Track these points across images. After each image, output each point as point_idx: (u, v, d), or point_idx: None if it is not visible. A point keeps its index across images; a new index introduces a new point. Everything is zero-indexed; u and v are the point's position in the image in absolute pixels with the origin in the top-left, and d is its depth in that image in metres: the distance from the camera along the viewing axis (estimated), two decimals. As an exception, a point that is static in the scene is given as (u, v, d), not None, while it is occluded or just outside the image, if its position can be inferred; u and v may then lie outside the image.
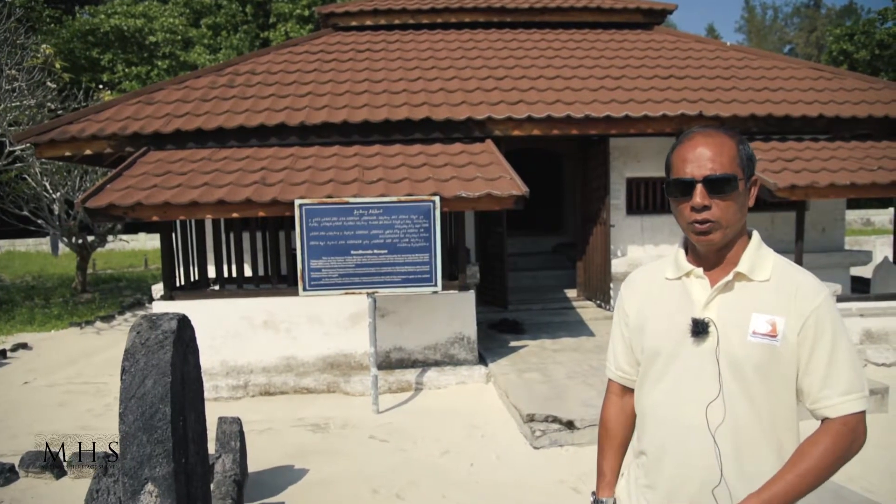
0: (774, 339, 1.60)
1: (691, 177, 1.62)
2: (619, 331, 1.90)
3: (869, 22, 35.60)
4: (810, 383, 1.61)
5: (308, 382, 6.70)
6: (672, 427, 1.69)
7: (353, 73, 8.84)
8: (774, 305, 1.62)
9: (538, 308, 9.27)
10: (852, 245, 14.90)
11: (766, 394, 1.61)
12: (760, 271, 1.67)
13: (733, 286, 1.67)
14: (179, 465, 2.36)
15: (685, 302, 1.71)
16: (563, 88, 8.47)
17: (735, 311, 1.64)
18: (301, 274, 5.96)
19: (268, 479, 4.70)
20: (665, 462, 1.71)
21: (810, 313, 1.60)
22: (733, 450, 1.61)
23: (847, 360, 1.61)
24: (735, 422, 1.61)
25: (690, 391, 1.65)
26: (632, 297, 1.86)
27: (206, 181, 6.62)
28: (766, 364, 1.60)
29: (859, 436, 1.61)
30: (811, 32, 56.85)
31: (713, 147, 1.63)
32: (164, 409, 2.33)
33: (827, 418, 1.61)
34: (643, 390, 1.80)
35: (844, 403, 1.59)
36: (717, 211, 1.60)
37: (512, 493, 4.42)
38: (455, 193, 6.33)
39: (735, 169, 1.62)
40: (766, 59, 9.96)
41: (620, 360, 1.92)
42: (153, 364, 2.37)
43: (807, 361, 1.61)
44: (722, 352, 1.62)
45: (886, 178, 7.27)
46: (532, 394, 5.83)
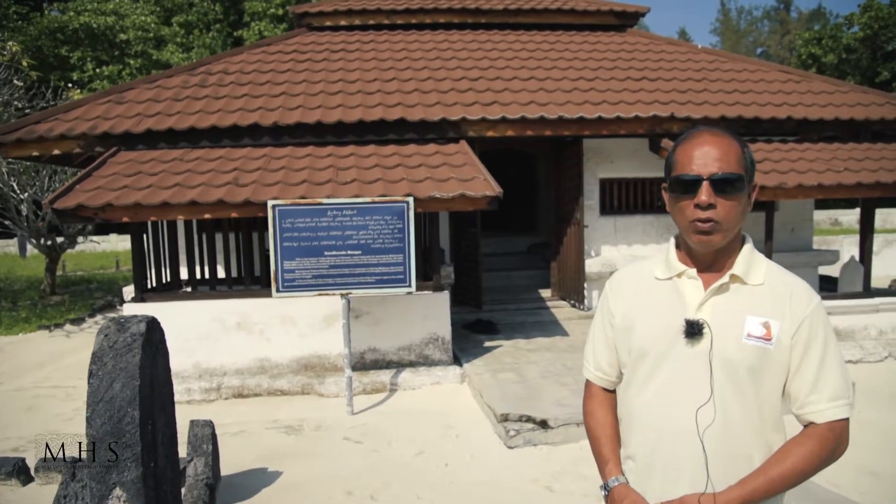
0: (769, 342, 1.60)
1: (698, 174, 1.59)
2: (602, 330, 1.86)
3: (836, 27, 36.37)
4: (798, 388, 1.62)
5: (282, 384, 6.66)
6: (662, 430, 1.67)
7: (327, 73, 8.80)
8: (769, 309, 1.62)
9: (513, 308, 9.31)
10: (820, 245, 15.17)
11: (757, 396, 1.62)
12: (755, 275, 1.67)
13: (728, 288, 1.66)
14: (148, 469, 2.33)
15: (677, 303, 1.69)
16: (536, 90, 8.52)
17: (729, 314, 1.63)
18: (274, 275, 5.92)
19: (241, 481, 4.66)
20: (655, 466, 1.69)
21: (804, 318, 1.61)
22: (723, 452, 1.60)
23: (836, 367, 1.62)
24: (726, 423, 1.60)
25: (682, 394, 1.64)
26: (618, 296, 1.83)
27: (177, 182, 6.55)
28: (759, 367, 1.60)
29: (843, 441, 1.63)
30: (784, 35, 57.80)
31: (721, 146, 1.61)
32: (133, 412, 2.31)
33: (812, 423, 1.62)
34: (630, 392, 1.77)
35: (831, 409, 1.60)
36: (721, 211, 1.58)
37: (486, 492, 4.43)
38: (429, 194, 6.34)
39: (741, 170, 1.60)
40: (737, 62, 10.11)
41: (601, 361, 1.88)
42: (121, 367, 2.34)
43: (797, 366, 1.61)
44: (716, 354, 1.61)
45: (852, 179, 7.42)
46: (506, 394, 5.86)
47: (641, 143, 8.93)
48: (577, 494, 4.35)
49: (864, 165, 7.85)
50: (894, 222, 26.80)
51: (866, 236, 8.51)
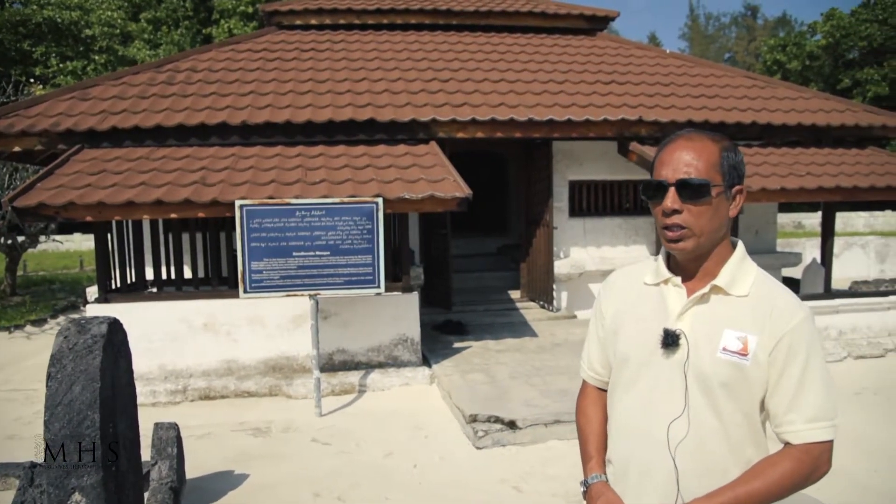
0: (744, 357, 1.54)
1: (665, 179, 1.57)
2: (595, 331, 1.86)
3: (800, 34, 37.21)
4: (776, 405, 1.56)
5: (249, 386, 6.59)
6: (637, 440, 1.65)
7: (296, 72, 8.74)
8: (748, 323, 1.57)
9: (482, 309, 9.34)
10: (784, 247, 15.47)
11: (734, 411, 1.56)
12: (739, 286, 1.62)
13: (709, 299, 1.62)
14: (109, 473, 2.29)
15: (660, 310, 1.66)
16: (507, 91, 8.56)
17: (708, 325, 1.59)
18: (242, 276, 5.86)
19: (207, 485, 4.60)
20: (629, 474, 1.68)
21: (784, 334, 1.54)
22: (698, 467, 1.57)
23: (818, 386, 1.55)
24: (701, 438, 1.56)
25: (658, 404, 1.61)
26: (609, 298, 1.81)
27: (143, 181, 6.45)
28: (733, 382, 1.55)
29: (822, 465, 1.56)
30: (750, 42, 58.93)
31: (692, 151, 1.57)
32: (93, 415, 2.26)
33: (789, 443, 1.57)
34: (615, 396, 1.76)
35: (809, 431, 1.54)
36: (688, 217, 1.55)
37: (454, 493, 4.44)
38: (398, 195, 6.33)
39: (712, 175, 1.55)
40: (704, 67, 10.27)
41: (594, 361, 1.87)
42: (81, 369, 2.29)
43: (775, 383, 1.55)
44: (691, 366, 1.57)
45: (813, 184, 7.59)
46: (475, 394, 5.88)
47: (610, 145, 9.02)
48: (545, 494, 4.38)
49: (826, 170, 8.04)
50: (855, 226, 27.47)
51: (827, 239, 8.71)
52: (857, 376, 7.14)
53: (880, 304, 8.29)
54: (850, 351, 7.89)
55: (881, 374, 7.25)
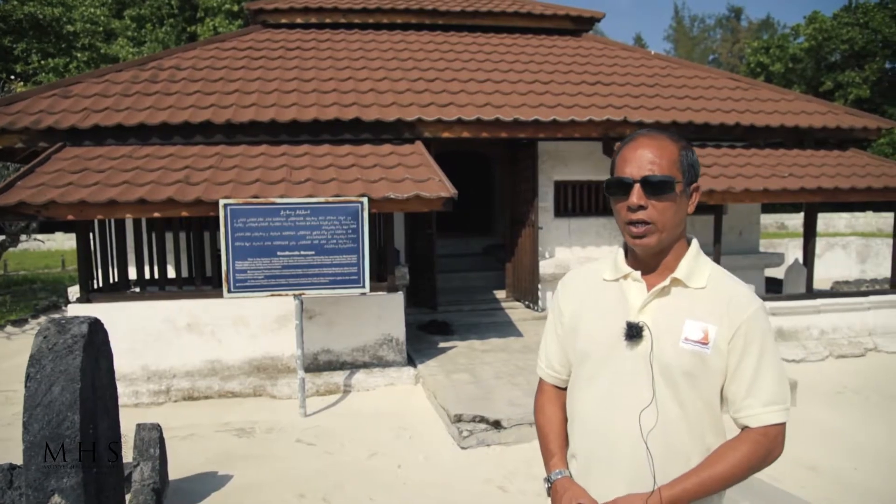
0: (706, 346, 1.61)
1: (629, 177, 1.63)
2: (553, 329, 1.88)
3: (783, 37, 37.59)
4: (735, 392, 1.63)
5: (233, 386, 6.55)
6: (603, 433, 1.68)
7: (282, 71, 8.70)
8: (708, 313, 1.63)
9: (468, 309, 9.35)
10: (767, 247, 15.63)
11: (695, 400, 1.63)
12: (697, 279, 1.68)
13: (669, 291, 1.68)
14: (90, 474, 2.26)
15: (621, 304, 1.70)
16: (492, 92, 8.57)
17: (669, 317, 1.65)
18: (225, 275, 5.82)
19: (190, 486, 4.57)
20: (593, 467, 1.71)
21: (742, 323, 1.62)
22: (663, 453, 1.62)
23: (772, 372, 1.64)
24: (665, 427, 1.61)
25: (623, 397, 1.65)
26: (568, 296, 1.84)
27: (125, 179, 6.39)
28: (695, 370, 1.61)
29: (777, 446, 1.65)
30: (734, 44, 59.36)
31: (654, 149, 1.63)
32: (73, 416, 2.24)
33: (747, 427, 1.64)
34: (575, 392, 1.78)
35: (766, 414, 1.62)
36: (653, 212, 1.61)
37: (439, 493, 4.44)
38: (384, 195, 6.32)
39: (674, 172, 1.62)
40: (688, 69, 10.34)
41: (552, 359, 1.89)
42: (61, 370, 2.27)
43: (734, 370, 1.63)
44: (655, 357, 1.62)
45: (796, 185, 7.66)
46: (460, 394, 5.88)
47: (595, 146, 9.06)
48: (530, 494, 4.39)
49: (808, 171, 8.12)
50: (836, 226, 27.76)
51: (809, 240, 8.79)
52: (839, 375, 7.22)
53: (861, 304, 8.38)
54: (832, 350, 7.98)
55: (862, 373, 7.34)
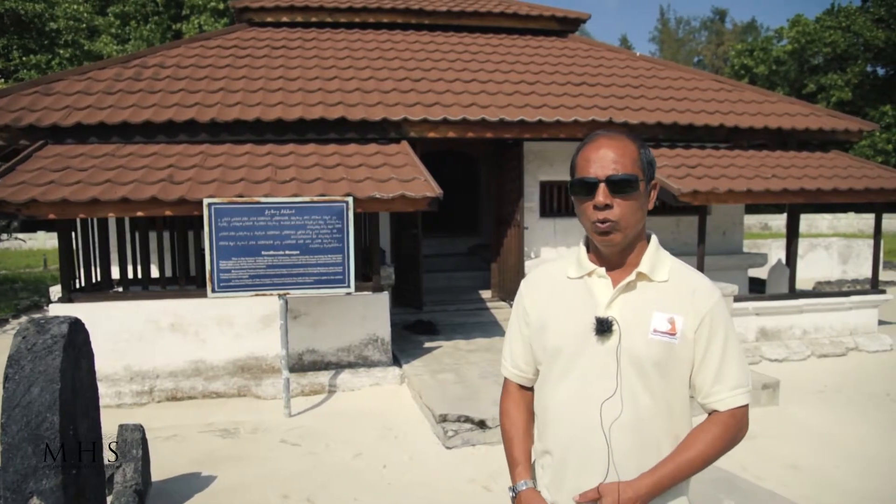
0: (673, 336, 1.67)
1: (595, 176, 1.65)
2: (518, 329, 1.91)
3: (767, 40, 37.95)
4: (703, 379, 1.70)
5: (218, 386, 6.51)
6: (575, 426, 1.71)
7: (267, 69, 8.66)
8: (673, 305, 1.69)
9: (453, 309, 9.35)
10: (750, 248, 15.76)
11: (664, 389, 1.68)
12: (660, 272, 1.73)
13: (635, 286, 1.72)
14: (69, 476, 2.24)
15: (588, 301, 1.74)
16: (478, 92, 8.58)
17: (637, 310, 1.69)
18: (210, 275, 5.79)
19: (173, 487, 4.54)
20: (569, 460, 1.73)
21: (706, 313, 1.69)
22: (634, 443, 1.66)
23: (736, 358, 1.71)
24: (636, 417, 1.66)
25: (593, 389, 1.68)
26: (533, 295, 1.87)
27: (108, 178, 6.33)
28: (665, 360, 1.67)
29: (744, 427, 1.73)
30: (719, 46, 59.83)
31: (616, 149, 1.67)
32: (52, 417, 2.21)
33: (716, 411, 1.71)
34: (545, 389, 1.81)
35: (733, 397, 1.70)
36: (618, 210, 1.64)
37: (424, 493, 4.44)
38: (369, 194, 6.30)
39: (636, 171, 1.67)
40: (673, 70, 10.41)
41: (518, 359, 1.92)
42: (40, 370, 2.24)
43: (701, 358, 1.69)
44: (623, 350, 1.66)
45: (778, 186, 7.73)
46: (445, 394, 5.88)
47: (581, 146, 9.07)
48: (514, 494, 4.39)
49: (790, 173, 8.19)
50: (819, 227, 28.06)
51: (792, 240, 8.88)
52: (820, 375, 7.29)
53: (842, 304, 8.47)
54: (814, 350, 8.05)
55: (843, 372, 7.41)
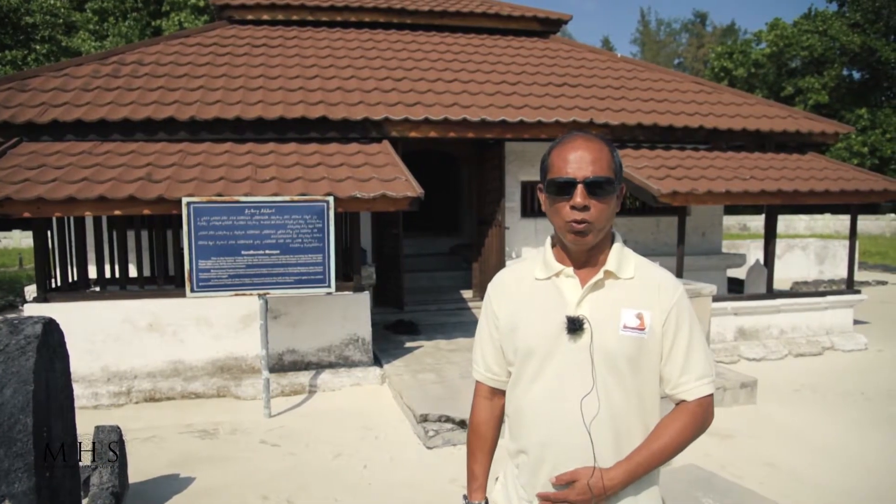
0: (643, 331, 1.71)
1: (573, 177, 1.66)
2: (488, 332, 1.91)
3: (746, 42, 38.37)
4: (671, 370, 1.75)
5: (196, 387, 6.45)
6: (552, 424, 1.72)
7: (247, 68, 8.60)
8: (640, 300, 1.73)
9: (434, 309, 9.35)
10: (729, 248, 15.92)
11: (636, 383, 1.72)
12: (626, 269, 1.77)
13: (603, 284, 1.75)
14: (43, 479, 2.20)
15: (558, 301, 1.75)
16: (460, 92, 8.58)
17: (606, 308, 1.72)
18: (188, 275, 5.73)
19: (150, 489, 4.49)
20: (546, 458, 1.74)
21: (672, 307, 1.74)
22: (611, 438, 1.70)
23: (700, 349, 1.77)
24: (612, 412, 1.69)
25: (568, 387, 1.70)
26: (501, 298, 1.87)
27: (85, 176, 6.25)
28: (636, 355, 1.70)
29: (710, 415, 1.79)
30: (699, 48, 60.33)
31: (593, 151, 1.69)
32: (25, 419, 2.17)
33: (684, 401, 1.76)
34: (518, 390, 1.82)
35: (699, 387, 1.75)
36: (594, 212, 1.66)
37: (404, 493, 4.43)
38: (350, 194, 6.28)
39: (611, 173, 1.69)
40: (653, 72, 10.48)
41: (489, 362, 1.92)
42: (13, 371, 2.20)
43: (669, 350, 1.74)
44: (596, 347, 1.69)
45: (757, 187, 7.81)
46: (426, 394, 5.87)
47: (562, 147, 9.10)
48: (494, 493, 4.39)
49: (768, 174, 8.28)
50: (796, 228, 28.41)
51: (770, 241, 8.98)
52: (797, 374, 7.38)
53: (819, 303, 8.58)
54: (791, 349, 8.15)
55: (819, 371, 7.51)
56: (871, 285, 14.15)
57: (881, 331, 9.54)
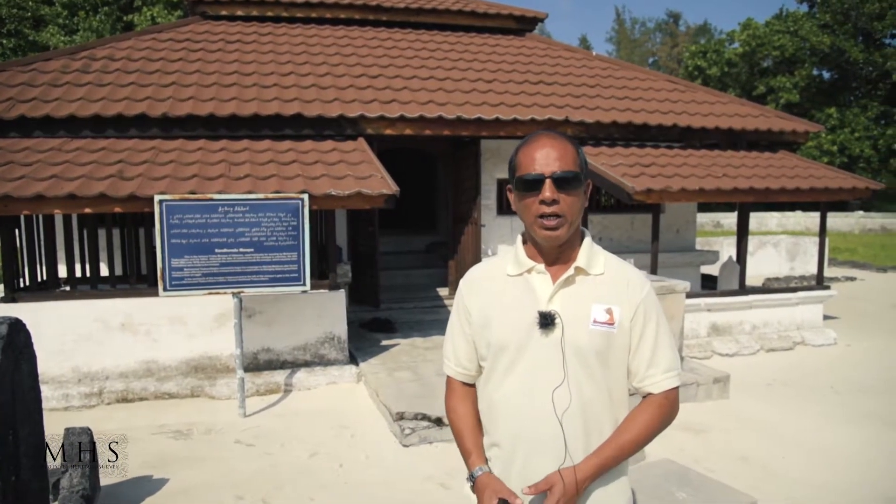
0: (612, 326, 1.76)
1: (541, 173, 1.71)
2: (460, 328, 1.94)
3: (719, 42, 38.83)
4: (638, 364, 1.81)
5: (170, 387, 6.38)
6: (524, 417, 1.77)
7: (221, 64, 8.50)
8: (610, 296, 1.78)
9: (411, 307, 9.33)
10: (703, 245, 16.08)
11: (606, 377, 1.77)
12: (596, 266, 1.82)
13: (574, 280, 1.80)
14: (8, 483, 2.16)
15: (530, 296, 1.79)
16: (436, 89, 8.57)
17: (577, 303, 1.77)
18: (161, 273, 5.66)
19: (123, 491, 4.43)
20: (518, 450, 1.79)
21: (639, 302, 1.79)
22: (580, 430, 1.75)
23: (667, 343, 1.83)
24: (582, 405, 1.74)
25: (540, 381, 1.75)
26: (473, 294, 1.91)
27: (54, 173, 6.13)
28: (605, 349, 1.76)
29: (675, 408, 1.85)
30: (673, 48, 60.91)
31: (559, 148, 1.74)
32: (-9, 422, 2.13)
33: (651, 394, 1.82)
34: (491, 384, 1.86)
35: (666, 380, 1.81)
36: (563, 206, 1.71)
37: (381, 492, 4.42)
38: (325, 191, 6.24)
39: (577, 168, 1.75)
40: (628, 70, 10.55)
41: (461, 357, 1.95)
42: (-22, 373, 2.15)
43: (636, 345, 1.80)
44: (567, 341, 1.73)
45: (729, 185, 7.91)
46: (402, 392, 5.86)
47: (538, 145, 9.13)
48: (470, 490, 4.40)
49: (741, 172, 8.39)
50: (768, 225, 28.81)
51: (742, 238, 9.10)
52: (769, 368, 7.50)
53: (790, 299, 8.72)
54: (763, 344, 8.27)
55: (790, 366, 7.63)
56: (840, 281, 14.41)
57: (850, 326, 9.72)
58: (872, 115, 33.33)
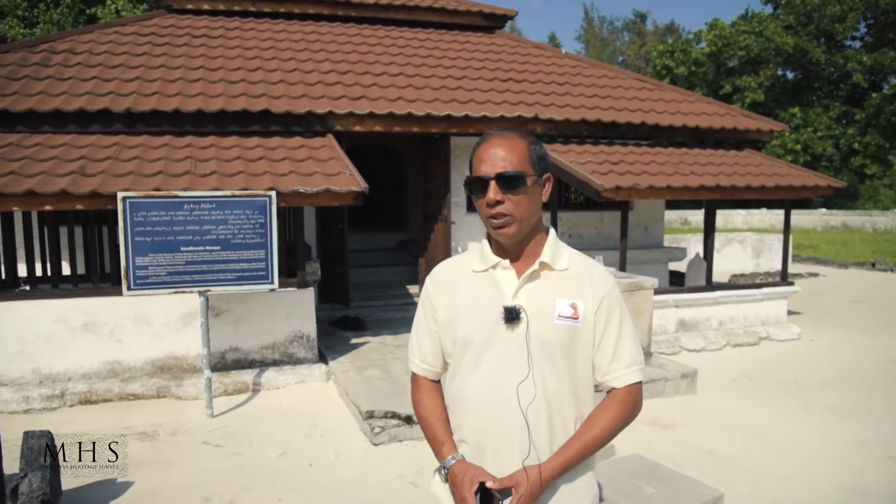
0: (576, 320, 1.78)
1: (486, 175, 1.74)
2: (426, 325, 1.95)
3: (687, 42, 39.38)
4: (601, 358, 1.83)
5: (135, 388, 6.25)
6: (491, 411, 1.78)
7: (187, 59, 8.35)
8: (574, 291, 1.81)
9: (381, 304, 9.28)
10: (671, 242, 16.27)
11: (571, 371, 1.79)
12: (560, 261, 1.84)
13: (538, 275, 1.82)
14: (-38, 488, 2.08)
15: (495, 292, 1.81)
16: (405, 86, 8.53)
17: (541, 298, 1.79)
18: (125, 272, 5.54)
19: (86, 495, 4.33)
20: (486, 444, 1.80)
21: (603, 297, 1.81)
22: (545, 424, 1.76)
23: (630, 338, 1.84)
24: (547, 398, 1.76)
25: (506, 375, 1.76)
26: (439, 290, 1.92)
27: (12, 169, 5.96)
28: (570, 343, 1.78)
29: (639, 402, 1.86)
30: (641, 47, 61.52)
31: (505, 147, 1.75)
32: (-57, 426, 2.05)
33: (614, 388, 1.83)
34: (457, 380, 1.87)
35: (629, 374, 1.83)
36: (509, 205, 1.73)
37: (350, 490, 4.39)
38: (293, 188, 6.17)
39: (525, 167, 1.74)
40: (597, 68, 10.63)
41: (427, 354, 1.96)
42: (-71, 376, 2.07)
43: (600, 339, 1.82)
44: (532, 336, 1.75)
45: (696, 182, 8.01)
46: (372, 390, 5.83)
47: (508, 142, 9.15)
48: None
49: (707, 170, 8.50)
50: (734, 223, 29.31)
51: (709, 235, 9.22)
52: (734, 363, 7.61)
53: (755, 295, 8.86)
54: (729, 340, 8.40)
55: (755, 361, 7.76)
56: (803, 277, 14.71)
57: (813, 321, 9.93)
58: (834, 114, 34.13)
